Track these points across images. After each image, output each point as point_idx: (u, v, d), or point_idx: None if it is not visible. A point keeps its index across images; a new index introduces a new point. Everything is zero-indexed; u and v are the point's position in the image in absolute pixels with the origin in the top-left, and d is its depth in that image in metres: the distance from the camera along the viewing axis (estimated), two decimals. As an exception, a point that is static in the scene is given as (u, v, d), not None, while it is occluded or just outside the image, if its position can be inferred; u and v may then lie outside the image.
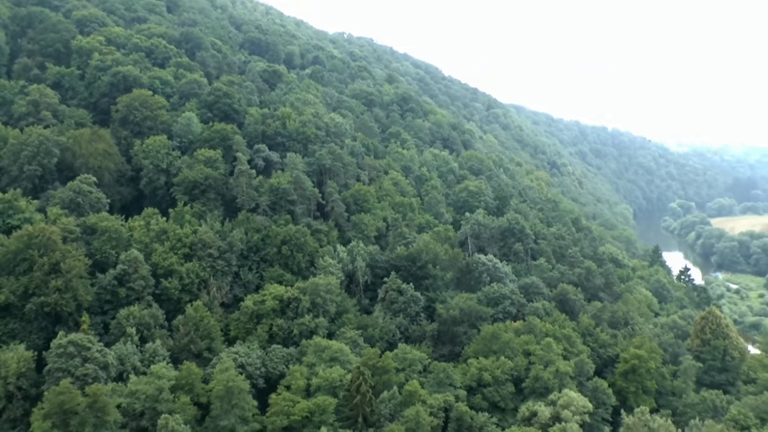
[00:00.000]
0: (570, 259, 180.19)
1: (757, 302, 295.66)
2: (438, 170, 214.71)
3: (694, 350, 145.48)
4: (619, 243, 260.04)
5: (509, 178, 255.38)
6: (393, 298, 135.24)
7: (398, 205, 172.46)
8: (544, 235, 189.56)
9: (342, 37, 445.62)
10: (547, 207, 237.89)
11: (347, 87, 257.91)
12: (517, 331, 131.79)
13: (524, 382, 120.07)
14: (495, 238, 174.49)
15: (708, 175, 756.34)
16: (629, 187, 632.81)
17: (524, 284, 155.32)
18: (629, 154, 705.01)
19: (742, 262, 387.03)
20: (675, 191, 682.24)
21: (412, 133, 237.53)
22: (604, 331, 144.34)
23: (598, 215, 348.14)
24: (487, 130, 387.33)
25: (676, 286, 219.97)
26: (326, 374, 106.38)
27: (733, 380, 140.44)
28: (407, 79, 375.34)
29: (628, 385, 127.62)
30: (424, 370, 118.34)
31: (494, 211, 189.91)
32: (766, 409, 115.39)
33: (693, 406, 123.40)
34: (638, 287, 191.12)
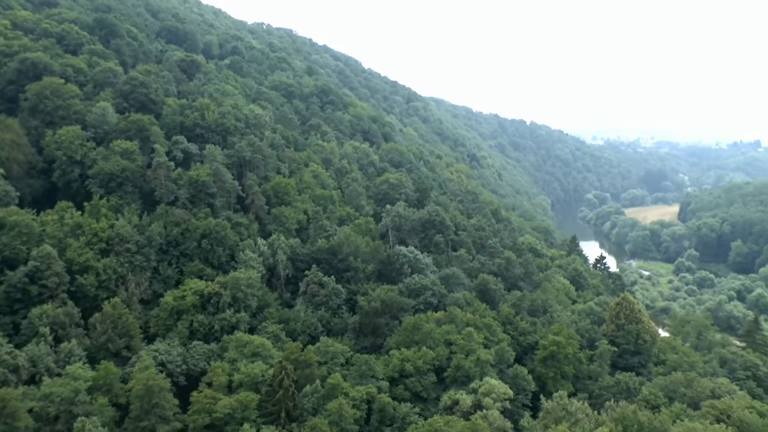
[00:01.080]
0: (490, 249, 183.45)
1: (667, 288, 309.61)
2: (358, 163, 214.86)
3: (610, 335, 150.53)
4: (538, 233, 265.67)
5: (429, 171, 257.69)
6: (314, 292, 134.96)
7: (319, 198, 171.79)
8: (465, 226, 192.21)
9: (261, 28, 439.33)
10: (467, 199, 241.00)
11: (267, 78, 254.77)
12: (438, 321, 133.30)
13: (446, 372, 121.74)
14: (416, 230, 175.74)
15: (622, 167, 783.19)
16: (547, 178, 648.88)
17: (445, 275, 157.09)
18: (547, 146, 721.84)
19: (654, 250, 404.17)
20: (591, 183, 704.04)
21: (332, 125, 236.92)
22: (523, 319, 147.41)
23: (518, 206, 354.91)
24: (407, 123, 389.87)
25: (592, 274, 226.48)
26: (248, 370, 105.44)
27: (645, 362, 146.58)
28: (327, 72, 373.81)
29: (547, 371, 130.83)
30: (346, 362, 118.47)
31: (415, 203, 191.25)
32: (674, 388, 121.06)
33: (608, 389, 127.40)
34: (556, 276, 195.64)
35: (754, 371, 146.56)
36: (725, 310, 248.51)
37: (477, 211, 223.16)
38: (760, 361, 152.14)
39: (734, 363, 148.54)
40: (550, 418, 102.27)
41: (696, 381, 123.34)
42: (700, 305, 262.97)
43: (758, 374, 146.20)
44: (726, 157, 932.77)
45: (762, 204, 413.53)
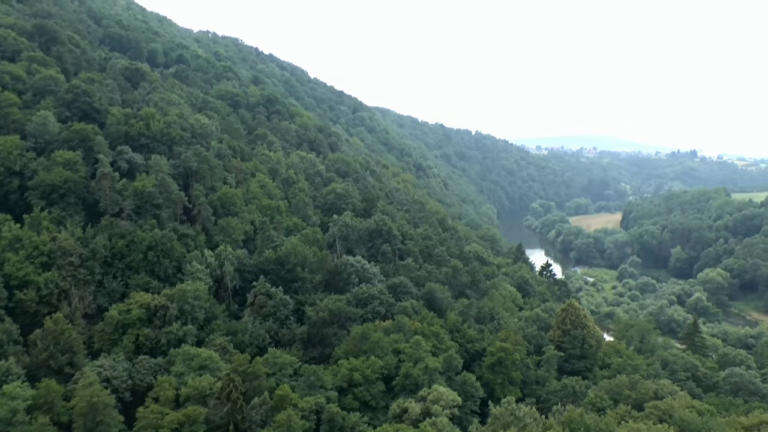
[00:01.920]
0: (437, 258, 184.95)
1: (611, 293, 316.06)
2: (305, 173, 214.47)
3: (556, 340, 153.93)
4: (484, 242, 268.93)
5: (376, 181, 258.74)
6: (262, 303, 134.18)
7: (266, 208, 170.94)
8: (411, 235, 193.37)
9: (207, 36, 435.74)
10: (414, 208, 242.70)
11: (212, 87, 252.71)
12: (386, 330, 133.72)
13: (394, 380, 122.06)
14: (363, 239, 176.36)
15: (566, 177, 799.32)
16: (493, 188, 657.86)
17: (392, 284, 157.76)
18: (492, 156, 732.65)
19: (598, 257, 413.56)
20: (536, 192, 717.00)
21: (278, 135, 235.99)
22: (471, 326, 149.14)
23: (464, 215, 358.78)
24: (353, 132, 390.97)
25: (538, 281, 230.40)
26: (196, 383, 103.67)
27: (590, 366, 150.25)
28: (273, 81, 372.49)
29: (495, 377, 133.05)
30: (294, 373, 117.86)
31: (362, 213, 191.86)
32: (619, 390, 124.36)
33: (555, 393, 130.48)
34: (503, 283, 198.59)
35: (693, 372, 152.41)
36: (666, 314, 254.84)
37: (424, 221, 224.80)
38: (699, 362, 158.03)
39: (675, 365, 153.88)
40: (499, 423, 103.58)
41: (640, 383, 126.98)
42: (642, 310, 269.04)
43: (697, 375, 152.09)
44: (665, 167, 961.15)
45: (699, 211, 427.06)
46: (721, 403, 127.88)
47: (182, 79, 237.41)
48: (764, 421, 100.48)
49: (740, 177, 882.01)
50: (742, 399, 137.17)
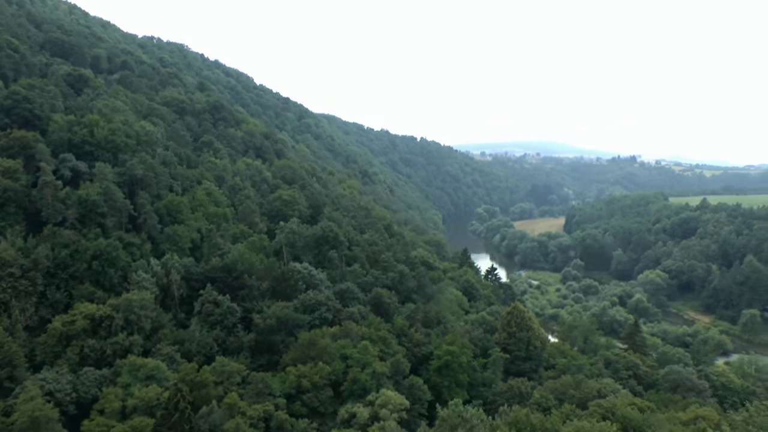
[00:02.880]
0: (383, 264, 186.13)
1: (555, 296, 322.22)
2: (251, 180, 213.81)
3: (502, 343, 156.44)
4: (430, 247, 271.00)
5: (322, 187, 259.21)
6: (209, 311, 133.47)
7: (212, 216, 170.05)
8: (358, 241, 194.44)
9: (152, 42, 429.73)
10: (360, 214, 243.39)
11: (158, 94, 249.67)
12: (334, 336, 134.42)
13: (342, 386, 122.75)
14: (309, 246, 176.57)
15: (510, 182, 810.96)
16: (438, 193, 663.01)
17: (339, 290, 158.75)
18: (437, 163, 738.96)
19: (542, 261, 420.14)
20: (481, 197, 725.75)
21: (224, 142, 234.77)
22: (418, 330, 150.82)
23: (410, 221, 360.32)
24: (299, 139, 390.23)
25: (484, 284, 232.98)
26: (142, 394, 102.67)
27: (536, 367, 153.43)
28: (219, 88, 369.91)
29: (442, 380, 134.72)
30: (242, 381, 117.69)
31: (308, 220, 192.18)
32: (564, 390, 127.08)
33: (502, 394, 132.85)
34: (449, 288, 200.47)
35: (635, 370, 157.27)
36: (609, 315, 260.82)
37: (370, 227, 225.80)
38: (640, 361, 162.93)
39: (617, 364, 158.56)
40: (446, 425, 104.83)
41: (584, 382, 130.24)
42: (586, 311, 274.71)
43: (639, 373, 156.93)
44: (606, 172, 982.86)
45: (639, 215, 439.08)
46: (660, 400, 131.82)
47: (127, 85, 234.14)
48: (700, 416, 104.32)
49: (677, 182, 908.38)
50: (680, 395, 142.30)
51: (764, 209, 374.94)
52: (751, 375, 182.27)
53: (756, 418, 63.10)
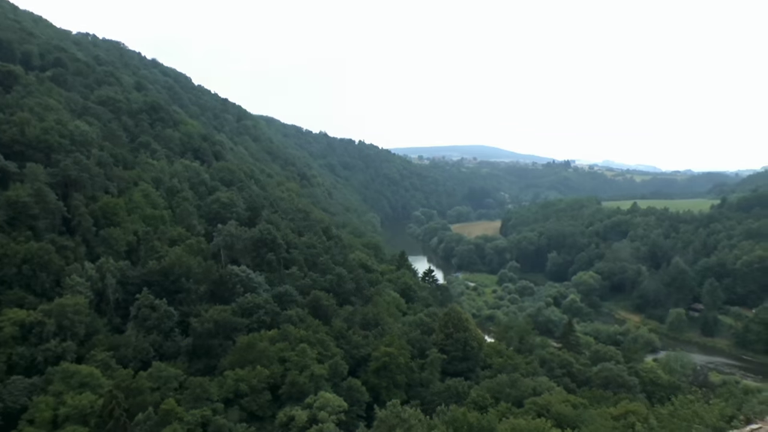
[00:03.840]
0: (321, 266, 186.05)
1: (492, 297, 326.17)
2: (189, 181, 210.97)
3: (439, 344, 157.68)
4: (368, 249, 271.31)
5: (261, 190, 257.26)
6: (146, 315, 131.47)
7: (149, 218, 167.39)
8: (296, 244, 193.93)
9: (86, 39, 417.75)
10: (299, 217, 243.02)
11: (93, 93, 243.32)
12: (272, 339, 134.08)
13: (281, 389, 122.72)
14: (248, 248, 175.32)
15: (447, 186, 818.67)
16: (376, 197, 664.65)
17: (278, 293, 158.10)
18: (375, 166, 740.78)
19: (479, 263, 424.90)
20: (419, 200, 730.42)
21: (162, 143, 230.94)
22: (356, 332, 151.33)
23: (348, 224, 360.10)
24: (238, 141, 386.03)
25: (421, 286, 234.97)
26: (75, 402, 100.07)
27: (473, 367, 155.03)
28: (156, 87, 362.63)
29: (380, 381, 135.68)
30: (180, 386, 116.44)
31: (246, 222, 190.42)
32: (500, 389, 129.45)
33: (439, 394, 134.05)
34: (387, 290, 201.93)
35: (569, 368, 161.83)
36: (544, 315, 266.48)
37: (308, 229, 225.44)
38: (573, 359, 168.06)
39: (552, 362, 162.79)
40: (384, 426, 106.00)
41: (519, 381, 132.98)
42: (521, 312, 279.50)
43: (572, 371, 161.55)
44: (541, 176, 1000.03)
45: (573, 219, 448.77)
46: (593, 396, 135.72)
47: (60, 83, 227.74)
48: (630, 411, 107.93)
49: (609, 186, 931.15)
50: (612, 391, 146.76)
51: (689, 213, 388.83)
52: (677, 371, 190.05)
53: (680, 411, 66.34)
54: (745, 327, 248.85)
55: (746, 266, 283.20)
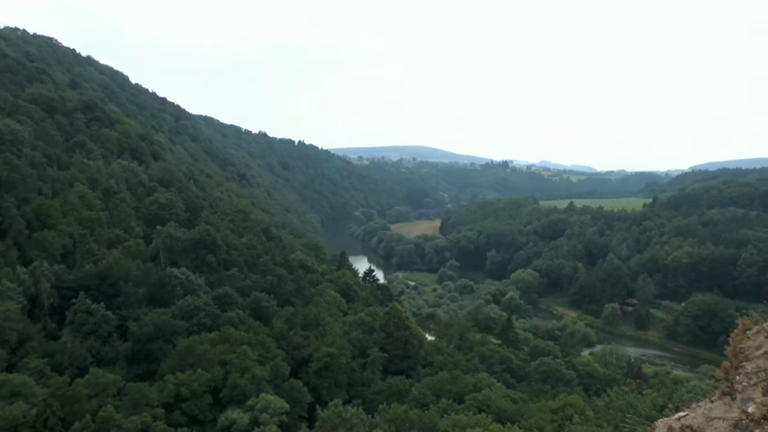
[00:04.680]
0: (262, 267, 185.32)
1: (432, 296, 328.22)
2: (127, 182, 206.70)
3: (380, 343, 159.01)
4: (309, 250, 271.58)
5: (200, 190, 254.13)
6: (83, 320, 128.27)
7: (85, 220, 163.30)
8: (236, 245, 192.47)
9: (16, 34, 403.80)
10: (238, 218, 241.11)
11: (24, 90, 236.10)
12: (212, 342, 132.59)
13: (222, 392, 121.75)
14: (187, 250, 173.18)
15: (387, 186, 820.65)
16: (316, 197, 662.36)
17: (218, 295, 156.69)
18: (315, 166, 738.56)
19: (419, 262, 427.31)
20: (358, 200, 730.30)
21: (98, 143, 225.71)
22: (297, 333, 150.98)
23: (288, 224, 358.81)
24: (177, 141, 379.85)
25: (362, 286, 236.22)
26: (6, 413, 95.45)
27: (413, 365, 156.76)
28: (92, 85, 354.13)
29: (322, 382, 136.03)
30: (118, 393, 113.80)
31: (186, 224, 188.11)
32: (441, 386, 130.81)
33: (380, 393, 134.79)
34: (328, 290, 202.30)
35: (508, 364, 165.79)
36: (483, 313, 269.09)
37: (248, 230, 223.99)
38: (513, 355, 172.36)
39: (492, 359, 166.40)
40: (327, 426, 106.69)
41: (460, 378, 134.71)
42: (461, 310, 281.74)
43: (512, 366, 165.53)
44: (480, 177, 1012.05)
45: (511, 218, 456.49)
46: (532, 391, 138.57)
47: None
48: (568, 403, 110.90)
49: (546, 186, 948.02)
50: (550, 385, 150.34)
51: (623, 212, 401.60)
52: (612, 363, 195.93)
53: (615, 402, 69.94)
54: (675, 320, 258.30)
55: (676, 262, 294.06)
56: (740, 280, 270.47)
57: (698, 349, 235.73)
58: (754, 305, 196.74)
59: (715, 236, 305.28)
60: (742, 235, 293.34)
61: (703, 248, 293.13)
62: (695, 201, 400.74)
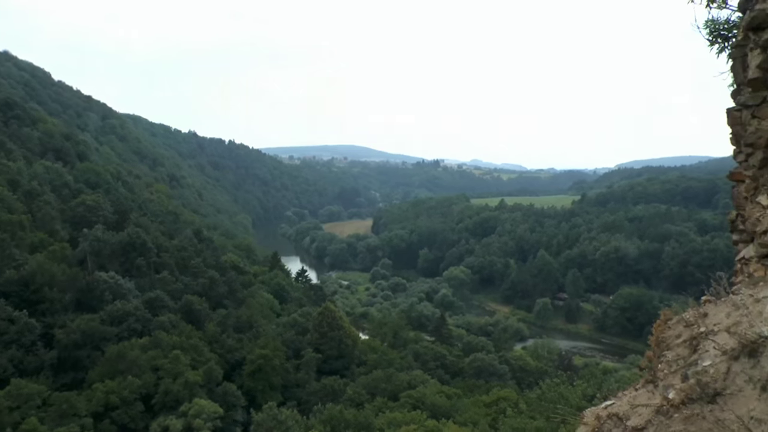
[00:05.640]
0: (193, 270, 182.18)
1: (365, 295, 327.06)
2: (51, 184, 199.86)
3: (314, 343, 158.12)
4: (241, 251, 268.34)
5: (129, 192, 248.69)
6: (3, 329, 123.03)
7: (5, 224, 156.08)
8: (167, 247, 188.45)
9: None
10: (169, 219, 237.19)
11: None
12: (143, 347, 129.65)
13: (154, 398, 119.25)
14: (116, 254, 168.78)
15: (318, 185, 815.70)
16: (247, 197, 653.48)
17: (149, 299, 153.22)
18: (246, 166, 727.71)
19: (351, 261, 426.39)
20: (290, 200, 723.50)
21: (19, 143, 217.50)
22: (230, 336, 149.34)
23: (219, 226, 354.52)
24: (103, 141, 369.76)
25: (295, 287, 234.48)
26: None
27: (348, 365, 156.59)
28: (10, 82, 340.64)
29: (256, 384, 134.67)
30: (43, 403, 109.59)
31: (114, 226, 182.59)
32: (376, 385, 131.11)
33: (315, 394, 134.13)
34: (260, 291, 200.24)
35: (442, 361, 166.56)
36: (417, 311, 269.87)
37: (179, 232, 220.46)
38: (447, 352, 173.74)
39: (426, 356, 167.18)
40: (262, 429, 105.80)
41: (394, 376, 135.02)
42: (395, 308, 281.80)
43: (446, 363, 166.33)
44: (411, 175, 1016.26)
45: (443, 216, 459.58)
46: (466, 386, 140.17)
47: None
48: (501, 397, 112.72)
49: (478, 184, 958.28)
50: (484, 380, 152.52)
51: (553, 209, 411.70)
52: (544, 357, 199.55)
53: (547, 394, 71.81)
54: (604, 312, 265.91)
55: (604, 256, 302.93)
56: (664, 272, 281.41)
57: (626, 339, 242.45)
58: (676, 296, 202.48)
59: (640, 231, 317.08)
60: (665, 229, 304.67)
61: (629, 243, 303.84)
62: (621, 198, 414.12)
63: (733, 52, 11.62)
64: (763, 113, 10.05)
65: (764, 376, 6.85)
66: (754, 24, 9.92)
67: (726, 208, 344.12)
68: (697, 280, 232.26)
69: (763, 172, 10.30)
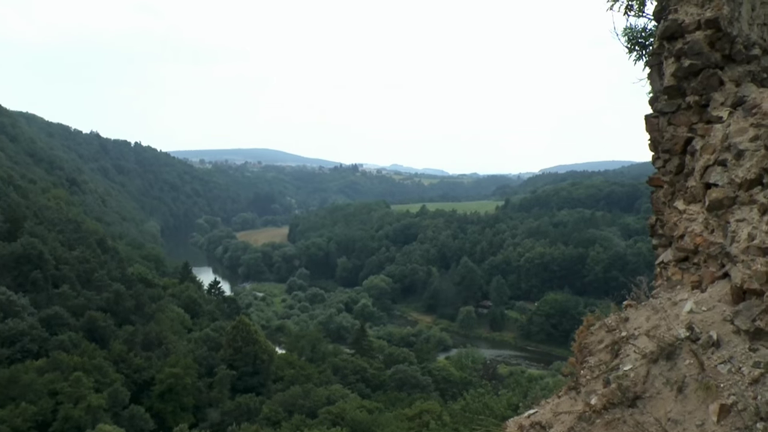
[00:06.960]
0: (97, 283, 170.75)
1: (281, 307, 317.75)
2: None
3: (228, 359, 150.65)
4: (149, 262, 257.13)
5: (22, 198, 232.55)
6: None
7: None
8: (67, 259, 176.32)
9: None
10: (69, 228, 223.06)
11: None
12: (39, 370, 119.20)
13: (52, 426, 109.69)
14: (8, 266, 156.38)
15: (231, 191, 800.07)
16: (155, 204, 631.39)
17: (46, 316, 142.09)
18: (154, 170, 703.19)
19: (267, 271, 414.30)
20: (201, 207, 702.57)
21: None
22: (137, 355, 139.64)
23: (125, 234, 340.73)
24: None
25: (207, 300, 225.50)
26: None
27: (264, 381, 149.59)
28: None
29: (166, 406, 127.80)
30: None
31: (6, 236, 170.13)
32: (293, 401, 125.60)
33: (230, 413, 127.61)
34: (170, 305, 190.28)
35: (362, 374, 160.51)
36: (336, 322, 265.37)
37: (80, 242, 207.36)
38: (367, 364, 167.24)
39: (345, 369, 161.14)
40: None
41: (313, 391, 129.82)
42: (313, 320, 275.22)
43: (366, 376, 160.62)
44: (329, 181, 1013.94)
45: (362, 223, 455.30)
46: (388, 399, 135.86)
47: None
48: (425, 410, 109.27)
49: (398, 190, 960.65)
50: (407, 392, 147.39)
51: (476, 215, 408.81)
52: (468, 366, 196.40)
53: (471, 404, 70.10)
54: (529, 320, 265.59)
55: (528, 262, 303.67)
56: (588, 278, 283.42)
57: (551, 346, 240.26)
58: (600, 301, 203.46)
59: (565, 236, 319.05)
60: (589, 234, 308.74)
61: (554, 248, 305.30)
62: (546, 203, 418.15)
63: (649, 60, 11.88)
64: (678, 120, 10.20)
65: (681, 378, 7.03)
66: (668, 33, 10.13)
67: (647, 213, 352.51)
68: (621, 284, 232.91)
69: (680, 177, 10.38)
